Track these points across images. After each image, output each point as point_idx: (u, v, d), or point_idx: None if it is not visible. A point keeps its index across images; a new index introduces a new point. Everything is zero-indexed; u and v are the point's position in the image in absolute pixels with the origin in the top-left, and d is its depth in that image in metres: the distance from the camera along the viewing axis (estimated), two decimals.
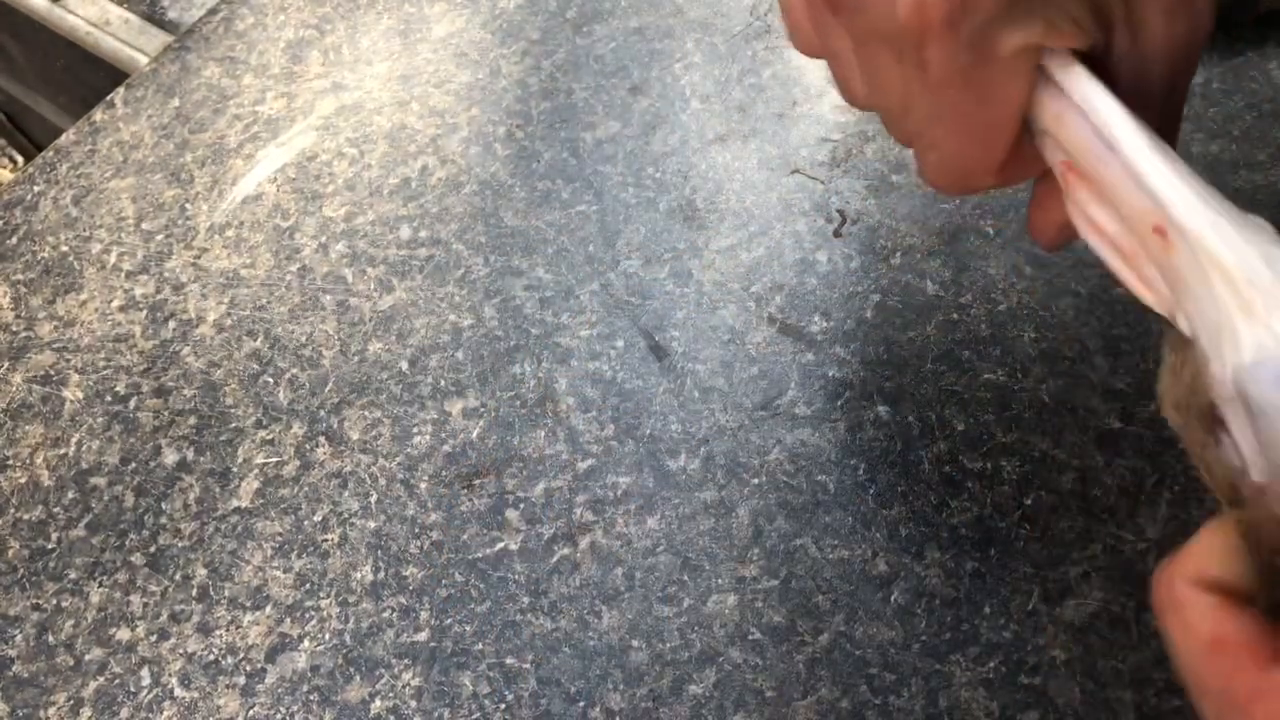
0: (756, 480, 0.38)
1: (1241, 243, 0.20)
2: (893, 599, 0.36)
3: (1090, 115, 0.23)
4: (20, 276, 0.47)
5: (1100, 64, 0.25)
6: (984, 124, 0.26)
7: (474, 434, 0.41)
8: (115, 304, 0.46)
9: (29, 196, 0.50)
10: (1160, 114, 0.25)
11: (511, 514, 0.39)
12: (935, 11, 0.23)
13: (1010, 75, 0.24)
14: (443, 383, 0.42)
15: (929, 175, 0.29)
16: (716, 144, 0.47)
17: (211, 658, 0.37)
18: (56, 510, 0.41)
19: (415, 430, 0.41)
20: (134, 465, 0.41)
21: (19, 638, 0.38)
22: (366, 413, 0.42)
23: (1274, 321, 0.19)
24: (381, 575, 0.38)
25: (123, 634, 0.38)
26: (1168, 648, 0.21)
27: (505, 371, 0.42)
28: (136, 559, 0.39)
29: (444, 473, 0.40)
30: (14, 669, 0.37)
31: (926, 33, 0.24)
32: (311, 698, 0.36)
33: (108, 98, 0.53)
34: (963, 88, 0.25)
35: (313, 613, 0.38)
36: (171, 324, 0.45)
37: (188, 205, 0.48)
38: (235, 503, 0.40)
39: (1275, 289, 0.20)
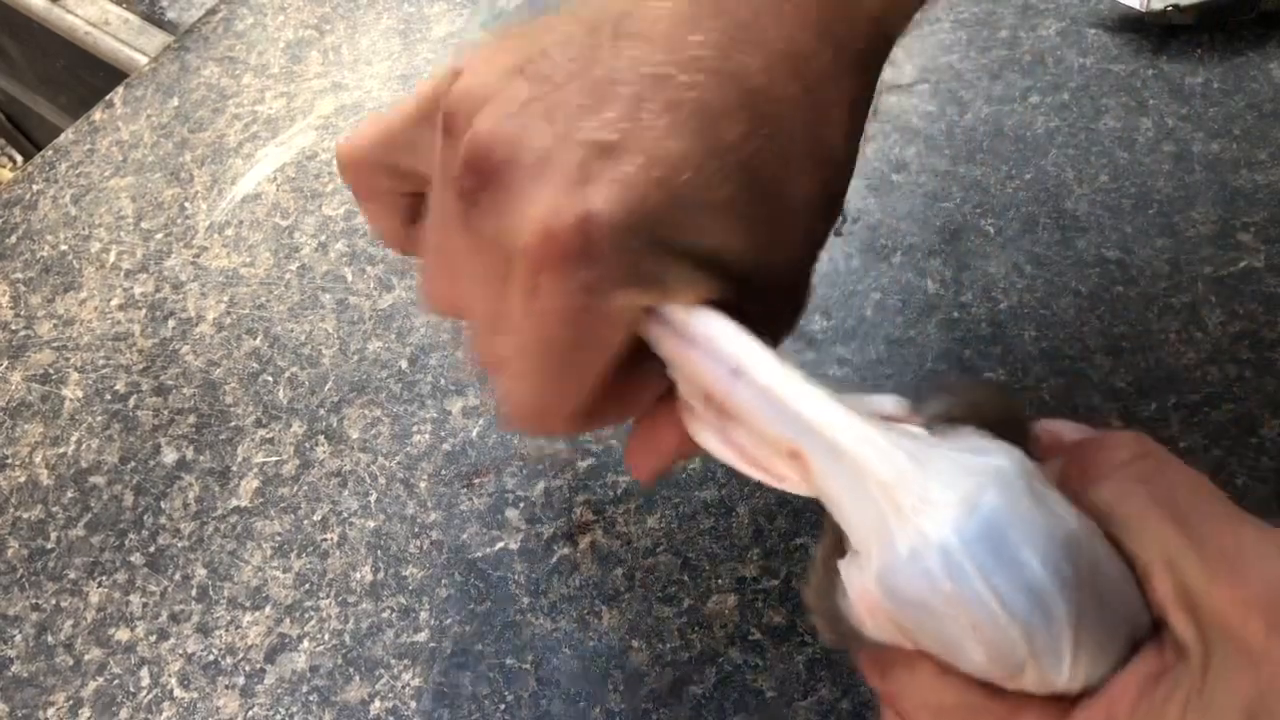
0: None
1: (889, 447, 0.21)
2: None
3: (715, 349, 0.23)
4: (20, 275, 0.47)
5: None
6: (573, 366, 0.24)
7: (474, 433, 0.41)
8: (115, 303, 0.46)
9: (28, 196, 0.50)
10: None
11: (511, 513, 0.39)
12: (561, 247, 0.22)
13: (614, 327, 0.24)
14: (442, 381, 0.42)
15: (506, 406, 0.27)
16: None
17: (211, 658, 0.37)
18: (56, 510, 0.41)
19: (415, 429, 0.41)
20: (133, 464, 0.41)
21: (19, 638, 0.38)
22: (366, 411, 0.41)
23: (921, 521, 0.20)
24: (381, 575, 0.38)
25: (122, 634, 0.38)
26: None
27: None
28: (136, 559, 0.39)
29: (444, 471, 0.40)
30: (13, 669, 0.37)
31: (546, 263, 0.22)
32: (311, 698, 0.36)
33: (107, 97, 0.53)
34: (564, 325, 0.23)
35: (312, 613, 0.37)
36: (171, 323, 0.45)
37: (187, 204, 0.48)
38: (235, 502, 0.40)
39: (923, 487, 0.20)
